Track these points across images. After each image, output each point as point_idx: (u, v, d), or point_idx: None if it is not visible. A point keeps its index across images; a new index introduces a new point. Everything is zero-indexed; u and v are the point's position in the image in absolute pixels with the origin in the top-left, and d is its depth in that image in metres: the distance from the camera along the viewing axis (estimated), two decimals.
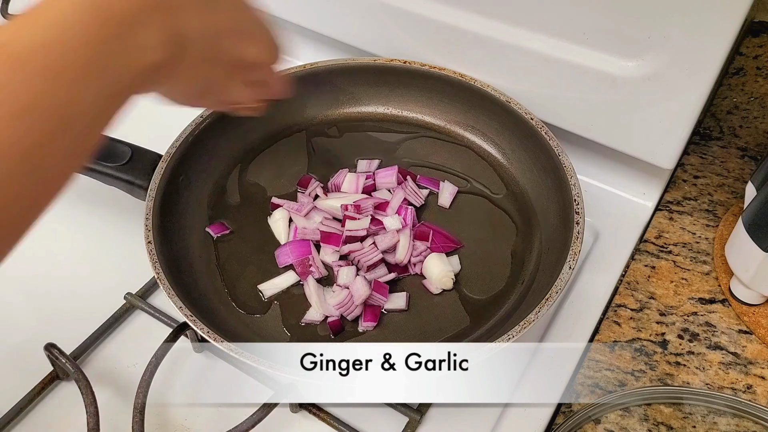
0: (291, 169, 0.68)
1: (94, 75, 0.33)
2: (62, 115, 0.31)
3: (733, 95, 0.72)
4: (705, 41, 0.53)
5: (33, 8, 0.33)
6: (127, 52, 0.35)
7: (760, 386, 0.54)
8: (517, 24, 0.62)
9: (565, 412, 0.53)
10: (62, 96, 0.31)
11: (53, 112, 0.31)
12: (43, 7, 0.33)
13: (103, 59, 0.33)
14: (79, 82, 0.32)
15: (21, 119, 0.29)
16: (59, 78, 0.31)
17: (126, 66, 0.35)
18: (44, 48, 0.31)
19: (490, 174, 0.67)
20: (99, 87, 0.33)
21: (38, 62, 0.31)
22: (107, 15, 0.34)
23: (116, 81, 0.35)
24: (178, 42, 0.38)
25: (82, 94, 0.32)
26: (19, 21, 0.32)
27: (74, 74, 0.32)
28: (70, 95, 0.32)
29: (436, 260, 0.59)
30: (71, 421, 0.53)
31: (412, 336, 0.56)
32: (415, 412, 0.53)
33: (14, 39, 0.31)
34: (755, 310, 0.59)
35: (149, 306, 0.59)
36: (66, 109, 0.32)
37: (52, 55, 0.31)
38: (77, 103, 0.32)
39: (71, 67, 0.32)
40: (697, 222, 0.66)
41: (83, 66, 0.32)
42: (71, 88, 0.32)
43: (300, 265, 0.59)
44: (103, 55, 0.33)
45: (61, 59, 0.31)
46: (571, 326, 0.59)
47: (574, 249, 0.53)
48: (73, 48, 0.32)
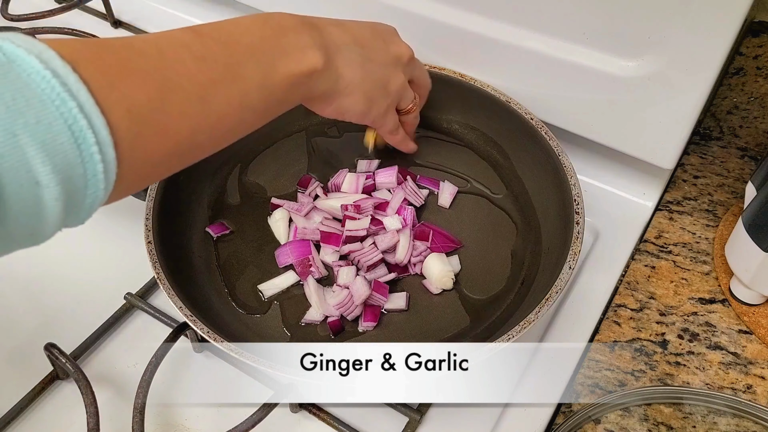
0: (291, 169, 0.68)
1: (260, 54, 0.43)
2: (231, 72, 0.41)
3: (733, 95, 0.72)
4: (705, 41, 0.53)
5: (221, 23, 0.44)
6: (287, 47, 0.45)
7: (760, 386, 0.54)
8: (517, 24, 0.62)
9: (565, 412, 0.53)
10: (231, 59, 0.41)
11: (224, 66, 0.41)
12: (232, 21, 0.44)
13: (270, 45, 0.44)
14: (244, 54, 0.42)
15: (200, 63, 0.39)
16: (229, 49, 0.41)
17: (286, 58, 0.45)
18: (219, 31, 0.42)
19: (490, 174, 0.67)
20: (262, 64, 0.43)
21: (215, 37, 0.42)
22: (273, 24, 0.46)
23: (278, 65, 0.44)
24: (327, 47, 0.48)
25: (247, 63, 0.42)
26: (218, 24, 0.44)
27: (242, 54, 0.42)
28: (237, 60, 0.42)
29: (436, 260, 0.59)
30: (71, 421, 0.53)
31: (412, 336, 0.56)
32: (415, 412, 0.53)
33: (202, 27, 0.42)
34: (755, 310, 0.59)
35: (149, 306, 0.59)
36: (236, 68, 0.41)
37: (224, 36, 0.42)
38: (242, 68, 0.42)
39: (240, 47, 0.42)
40: (697, 222, 0.66)
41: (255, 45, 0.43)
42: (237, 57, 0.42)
43: (300, 265, 0.59)
44: (269, 41, 0.44)
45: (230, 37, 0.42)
46: (571, 326, 0.59)
47: (574, 249, 0.53)
48: (242, 34, 0.43)
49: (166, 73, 0.37)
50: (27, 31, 0.80)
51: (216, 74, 0.40)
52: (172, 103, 0.37)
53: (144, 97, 0.36)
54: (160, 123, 0.37)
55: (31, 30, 0.81)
